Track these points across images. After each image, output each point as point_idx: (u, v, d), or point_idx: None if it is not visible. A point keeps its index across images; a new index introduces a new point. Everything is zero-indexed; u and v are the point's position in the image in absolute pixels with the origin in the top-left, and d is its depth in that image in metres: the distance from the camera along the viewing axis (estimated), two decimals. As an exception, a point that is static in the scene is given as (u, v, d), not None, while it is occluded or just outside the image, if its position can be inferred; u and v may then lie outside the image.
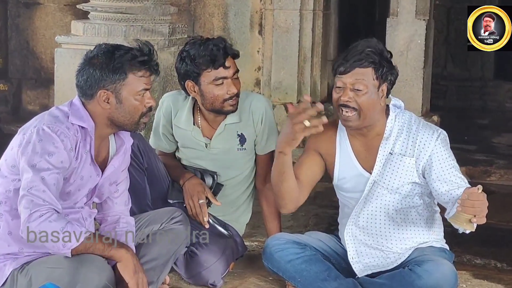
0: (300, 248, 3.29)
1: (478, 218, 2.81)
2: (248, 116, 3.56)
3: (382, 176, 3.17)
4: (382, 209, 3.21)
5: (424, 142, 3.13)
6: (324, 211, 4.72)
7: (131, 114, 2.95)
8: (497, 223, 4.50)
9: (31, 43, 7.18)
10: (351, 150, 3.24)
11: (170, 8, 4.75)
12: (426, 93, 6.10)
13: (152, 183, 3.50)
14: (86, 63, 2.93)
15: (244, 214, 3.75)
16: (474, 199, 2.80)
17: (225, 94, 3.44)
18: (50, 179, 2.78)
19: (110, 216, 3.13)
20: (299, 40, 6.23)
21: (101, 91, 2.90)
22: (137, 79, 2.92)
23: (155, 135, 3.71)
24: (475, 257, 3.99)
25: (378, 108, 3.12)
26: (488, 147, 6.68)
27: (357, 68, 3.06)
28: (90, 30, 4.59)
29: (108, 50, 2.93)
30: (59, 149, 2.81)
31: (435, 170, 3.11)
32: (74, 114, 2.90)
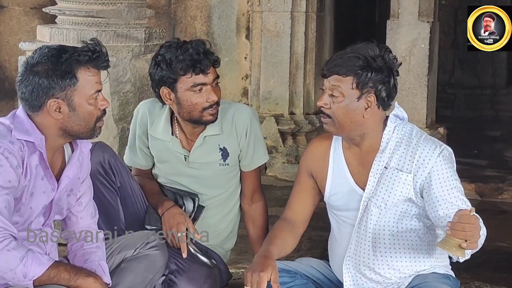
0: (289, 277, 3.27)
1: (469, 244, 2.79)
2: (231, 128, 3.56)
3: (375, 193, 3.17)
4: (379, 233, 3.20)
5: (424, 157, 3.12)
6: (319, 234, 4.71)
7: (86, 121, 2.93)
8: (509, 246, 4.52)
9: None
10: (344, 162, 3.25)
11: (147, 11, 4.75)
12: (431, 102, 6.12)
13: (126, 204, 3.50)
14: (28, 72, 2.87)
15: (228, 239, 3.74)
16: (465, 221, 2.78)
17: (205, 102, 3.44)
18: (1, 202, 2.76)
19: (77, 233, 3.11)
20: (291, 45, 6.28)
21: (51, 100, 2.86)
22: (88, 80, 2.90)
23: (130, 149, 3.70)
24: (484, 283, 4.00)
25: (358, 119, 3.11)
26: (500, 162, 6.72)
27: (335, 74, 3.08)
28: (57, 35, 4.58)
29: (52, 54, 2.88)
30: (4, 168, 2.78)
31: (434, 190, 3.09)
32: (18, 128, 2.86)
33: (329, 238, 3.42)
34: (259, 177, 3.70)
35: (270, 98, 6.33)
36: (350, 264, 3.25)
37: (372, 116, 3.13)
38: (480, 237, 2.86)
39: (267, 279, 3.06)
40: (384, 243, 3.20)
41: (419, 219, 3.19)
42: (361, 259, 3.23)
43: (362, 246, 3.22)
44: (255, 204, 3.67)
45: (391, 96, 3.14)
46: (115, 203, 3.45)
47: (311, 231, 4.80)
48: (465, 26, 8.63)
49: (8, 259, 2.72)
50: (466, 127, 7.69)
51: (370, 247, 3.21)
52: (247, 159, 3.61)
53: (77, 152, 3.05)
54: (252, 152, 3.59)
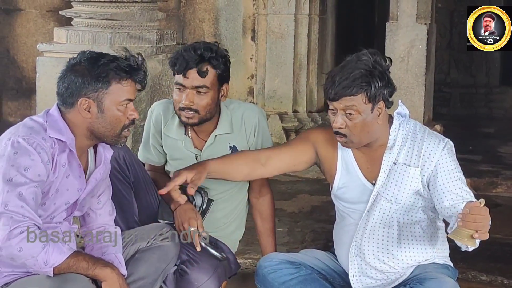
0: (294, 268, 3.28)
1: (480, 234, 2.80)
2: (240, 127, 3.56)
3: (386, 188, 3.17)
4: (385, 224, 3.21)
5: (430, 151, 3.13)
6: (322, 226, 4.73)
7: (112, 125, 2.94)
8: (504, 238, 4.53)
9: (12, 51, 7.20)
10: (353, 159, 3.25)
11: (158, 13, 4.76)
12: (428, 100, 6.13)
13: (139, 197, 3.49)
14: (68, 70, 2.93)
15: (236, 230, 3.74)
16: (476, 213, 2.78)
17: (180, 101, 3.41)
18: (28, 194, 2.77)
19: (95, 229, 3.13)
20: (294, 46, 6.28)
21: (82, 99, 2.89)
22: (121, 88, 2.92)
23: (144, 147, 3.69)
24: (480, 273, 4.01)
25: (374, 128, 3.11)
26: (494, 157, 6.71)
27: (346, 96, 3.05)
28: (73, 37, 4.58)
29: (92, 56, 2.93)
30: (35, 162, 2.80)
31: (440, 182, 3.10)
32: (52, 127, 2.89)
33: (335, 229, 3.42)
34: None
35: (275, 96, 6.34)
36: (356, 254, 3.26)
37: (383, 120, 3.13)
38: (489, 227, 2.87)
39: (186, 177, 3.12)
40: (390, 234, 3.21)
41: (424, 211, 3.20)
42: (367, 249, 3.24)
43: (368, 237, 3.23)
44: (262, 197, 3.66)
45: (392, 94, 3.14)
46: (129, 196, 3.44)
47: (315, 223, 4.83)
48: (460, 27, 8.71)
49: (30, 247, 2.73)
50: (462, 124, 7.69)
51: (376, 238, 3.22)
52: (257, 155, 3.61)
53: (102, 157, 3.07)
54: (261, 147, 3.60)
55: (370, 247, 3.23)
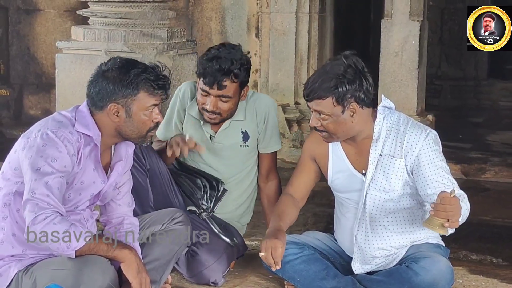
0: (298, 248, 3.30)
1: (451, 223, 2.82)
2: (252, 115, 3.59)
3: (375, 179, 3.18)
4: (379, 214, 3.21)
5: (412, 142, 3.12)
6: (323, 210, 4.74)
7: (139, 129, 2.96)
8: (492, 220, 4.54)
9: (32, 48, 7.20)
10: (343, 152, 3.26)
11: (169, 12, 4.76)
12: (421, 92, 6.12)
13: (154, 184, 3.51)
14: (99, 75, 2.93)
15: (245, 213, 3.75)
16: (446, 203, 2.80)
17: (204, 105, 3.48)
18: (54, 183, 2.79)
19: (114, 218, 3.14)
20: (296, 42, 6.27)
21: (112, 104, 2.91)
22: (148, 95, 2.93)
23: (166, 124, 3.68)
24: (471, 253, 4.01)
25: (349, 126, 3.11)
26: (483, 145, 6.71)
27: (315, 100, 3.08)
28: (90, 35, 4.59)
29: (123, 65, 2.93)
30: (62, 154, 2.82)
31: (422, 171, 3.09)
32: (80, 122, 2.91)
33: (335, 215, 3.44)
34: (274, 159, 3.71)
35: (278, 89, 6.34)
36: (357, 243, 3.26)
37: (360, 117, 3.11)
38: (461, 216, 2.87)
39: (280, 246, 3.09)
40: (384, 221, 3.22)
41: (412, 197, 3.20)
42: (366, 235, 3.25)
43: (366, 224, 3.24)
44: (270, 182, 3.68)
45: (369, 95, 3.11)
46: (145, 183, 3.46)
47: (316, 207, 4.83)
48: (450, 24, 8.70)
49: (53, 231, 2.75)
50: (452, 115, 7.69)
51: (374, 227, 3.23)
52: (265, 142, 3.63)
53: (124, 152, 3.08)
54: (269, 137, 3.62)
55: (367, 238, 3.24)
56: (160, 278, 3.15)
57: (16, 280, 2.88)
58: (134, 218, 3.17)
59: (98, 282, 2.79)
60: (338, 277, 3.20)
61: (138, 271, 2.88)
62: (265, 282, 3.53)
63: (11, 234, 2.90)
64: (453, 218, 2.81)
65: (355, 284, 3.17)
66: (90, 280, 2.77)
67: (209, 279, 3.46)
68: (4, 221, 2.90)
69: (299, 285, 3.27)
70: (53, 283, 2.79)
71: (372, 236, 3.23)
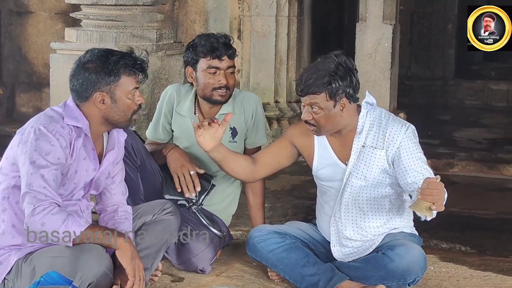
0: (280, 238, 3.33)
1: (437, 206, 2.87)
2: (240, 111, 3.62)
3: (356, 168, 3.23)
4: (358, 200, 3.26)
5: (393, 135, 3.19)
6: (301, 202, 4.77)
7: (124, 112, 2.98)
8: (460, 211, 4.58)
9: (24, 49, 7.17)
10: (328, 144, 3.30)
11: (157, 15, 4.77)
12: (393, 92, 6.16)
13: (145, 178, 3.52)
14: (80, 68, 2.94)
15: (230, 205, 3.78)
16: (432, 187, 2.85)
17: (216, 83, 3.49)
18: (49, 176, 2.81)
19: (109, 206, 3.16)
20: (275, 44, 6.27)
21: (97, 93, 2.92)
22: (129, 79, 2.95)
23: (154, 126, 3.72)
24: (441, 241, 4.06)
25: (338, 120, 3.17)
26: (450, 141, 6.75)
27: (309, 94, 3.13)
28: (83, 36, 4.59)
29: (102, 54, 2.95)
30: (55, 147, 2.84)
31: (403, 161, 3.15)
32: (69, 115, 2.92)
33: (317, 204, 3.47)
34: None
35: (258, 88, 6.34)
36: (335, 225, 3.31)
37: (348, 112, 3.17)
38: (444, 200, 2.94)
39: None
40: (362, 207, 3.26)
41: (391, 187, 3.26)
42: (344, 221, 3.29)
43: (344, 210, 3.28)
44: (254, 175, 3.71)
45: (357, 91, 3.18)
46: (136, 178, 3.47)
47: (295, 199, 4.86)
48: (419, 27, 8.77)
49: (52, 221, 2.77)
50: (421, 112, 7.72)
51: (351, 211, 3.27)
52: (251, 138, 3.66)
53: (116, 140, 3.09)
54: (256, 132, 3.65)
55: (344, 220, 3.28)
56: (151, 265, 3.17)
57: (16, 268, 2.90)
58: (128, 206, 3.19)
59: (94, 269, 2.81)
60: (318, 264, 3.24)
61: (132, 258, 2.90)
62: (249, 269, 3.56)
63: (11, 226, 2.92)
64: (438, 202, 2.86)
65: (334, 270, 3.20)
66: (87, 267, 2.79)
67: (197, 266, 3.48)
68: (4, 213, 2.92)
69: (281, 272, 3.30)
70: (52, 270, 2.80)
71: (349, 219, 3.27)
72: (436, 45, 8.74)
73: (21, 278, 2.88)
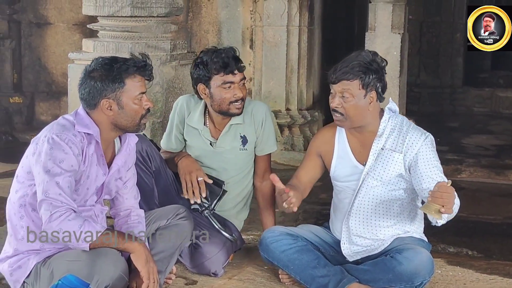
0: (292, 239, 3.35)
1: (446, 209, 2.88)
2: (250, 120, 3.63)
3: (374, 169, 3.26)
4: (371, 199, 3.28)
5: (413, 141, 3.22)
6: (312, 208, 4.77)
7: (132, 117, 2.98)
8: (467, 216, 4.56)
9: (43, 59, 7.23)
10: (348, 145, 3.33)
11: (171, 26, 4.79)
12: (402, 99, 6.16)
13: (160, 184, 3.55)
14: (86, 77, 2.95)
15: (242, 211, 3.80)
16: (443, 191, 2.87)
17: (232, 97, 3.50)
18: (64, 183, 2.83)
19: (122, 211, 3.18)
20: (287, 53, 6.29)
21: (103, 100, 2.93)
22: (134, 84, 2.95)
23: (168, 137, 3.74)
24: (448, 246, 4.06)
25: (365, 112, 3.20)
26: (458, 147, 6.75)
27: (344, 80, 3.16)
28: (99, 47, 4.61)
29: (106, 63, 2.96)
30: (68, 155, 2.86)
31: (419, 167, 3.18)
32: (80, 123, 2.94)
33: (332, 204, 3.49)
34: (269, 160, 3.76)
35: (270, 97, 6.36)
36: (347, 223, 3.33)
37: (373, 109, 3.22)
38: (454, 205, 2.95)
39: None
40: (374, 207, 3.28)
41: (405, 191, 3.28)
42: (355, 218, 3.31)
43: (357, 208, 3.30)
44: (265, 181, 3.72)
45: (384, 90, 3.24)
46: (151, 184, 3.50)
47: (306, 205, 4.85)
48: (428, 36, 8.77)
49: (69, 227, 2.80)
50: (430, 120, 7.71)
51: (364, 210, 3.29)
52: (261, 145, 3.67)
53: (125, 145, 3.10)
54: (266, 140, 3.66)
55: (356, 218, 3.31)
56: (165, 268, 3.19)
57: (34, 271, 2.92)
58: (140, 210, 3.20)
59: (110, 272, 2.82)
60: (328, 266, 3.26)
61: (146, 261, 2.92)
62: (260, 273, 3.57)
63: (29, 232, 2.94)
64: (448, 205, 2.88)
65: (343, 273, 3.22)
66: (103, 271, 2.81)
67: (210, 269, 3.50)
68: (22, 220, 2.94)
69: (292, 273, 3.32)
70: (69, 273, 2.83)
71: (361, 217, 3.29)
72: (444, 54, 8.74)
73: (40, 281, 2.91)
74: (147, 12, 4.61)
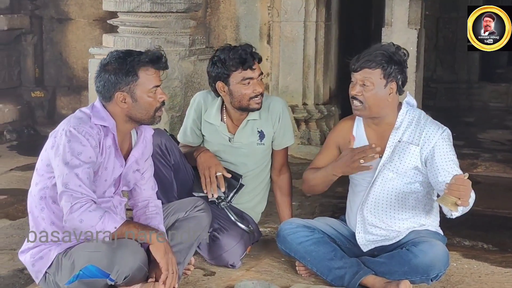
0: (309, 232, 3.36)
1: (462, 201, 2.88)
2: (267, 115, 3.63)
3: (390, 161, 3.25)
4: (387, 192, 3.28)
5: (430, 134, 3.21)
6: (329, 201, 4.77)
7: (146, 110, 2.99)
8: (483, 210, 4.54)
9: (64, 54, 7.26)
10: (365, 137, 3.33)
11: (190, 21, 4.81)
12: (418, 94, 6.13)
13: (178, 177, 3.56)
14: (101, 70, 2.97)
15: (260, 204, 3.80)
16: (460, 183, 2.87)
17: (251, 92, 3.50)
18: (83, 174, 2.85)
19: (140, 202, 3.19)
20: (304, 48, 6.28)
21: (118, 93, 2.94)
22: (147, 77, 2.95)
23: (184, 131, 3.75)
24: (464, 239, 4.04)
25: (384, 103, 3.20)
26: (474, 142, 6.72)
27: (366, 68, 3.16)
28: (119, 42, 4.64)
29: (120, 56, 2.96)
30: (86, 147, 2.87)
31: (436, 160, 3.17)
32: (96, 116, 2.95)
33: (348, 196, 3.49)
34: (286, 154, 3.76)
35: (287, 91, 6.36)
36: (361, 212, 3.33)
37: (392, 100, 3.22)
38: (470, 197, 2.94)
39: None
40: (390, 199, 3.28)
41: (421, 184, 3.27)
42: (370, 208, 3.31)
43: (372, 198, 3.30)
44: (282, 175, 3.73)
45: (404, 83, 3.24)
46: (170, 177, 3.51)
47: (322, 198, 4.85)
48: (445, 32, 8.71)
49: (90, 218, 2.82)
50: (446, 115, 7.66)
51: (379, 200, 3.29)
52: (278, 140, 3.67)
53: (141, 137, 3.11)
54: (282, 134, 3.66)
55: (371, 208, 3.30)
56: (184, 259, 3.20)
57: (56, 262, 2.95)
58: (158, 201, 3.21)
59: (130, 262, 2.85)
60: (345, 258, 3.27)
61: (165, 252, 2.94)
62: (278, 265, 3.58)
63: (50, 223, 2.97)
64: (464, 198, 2.88)
65: (359, 265, 3.22)
66: (123, 261, 2.83)
67: (228, 261, 3.51)
68: (43, 212, 2.97)
69: (309, 264, 3.33)
70: (90, 264, 2.85)
71: (376, 207, 3.29)
72: (461, 49, 8.68)
73: (61, 272, 2.93)
74: (167, 7, 4.63)
